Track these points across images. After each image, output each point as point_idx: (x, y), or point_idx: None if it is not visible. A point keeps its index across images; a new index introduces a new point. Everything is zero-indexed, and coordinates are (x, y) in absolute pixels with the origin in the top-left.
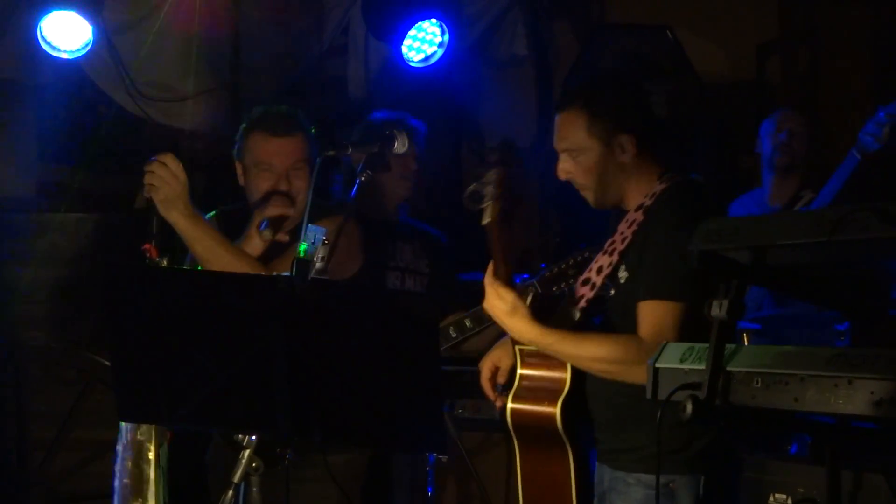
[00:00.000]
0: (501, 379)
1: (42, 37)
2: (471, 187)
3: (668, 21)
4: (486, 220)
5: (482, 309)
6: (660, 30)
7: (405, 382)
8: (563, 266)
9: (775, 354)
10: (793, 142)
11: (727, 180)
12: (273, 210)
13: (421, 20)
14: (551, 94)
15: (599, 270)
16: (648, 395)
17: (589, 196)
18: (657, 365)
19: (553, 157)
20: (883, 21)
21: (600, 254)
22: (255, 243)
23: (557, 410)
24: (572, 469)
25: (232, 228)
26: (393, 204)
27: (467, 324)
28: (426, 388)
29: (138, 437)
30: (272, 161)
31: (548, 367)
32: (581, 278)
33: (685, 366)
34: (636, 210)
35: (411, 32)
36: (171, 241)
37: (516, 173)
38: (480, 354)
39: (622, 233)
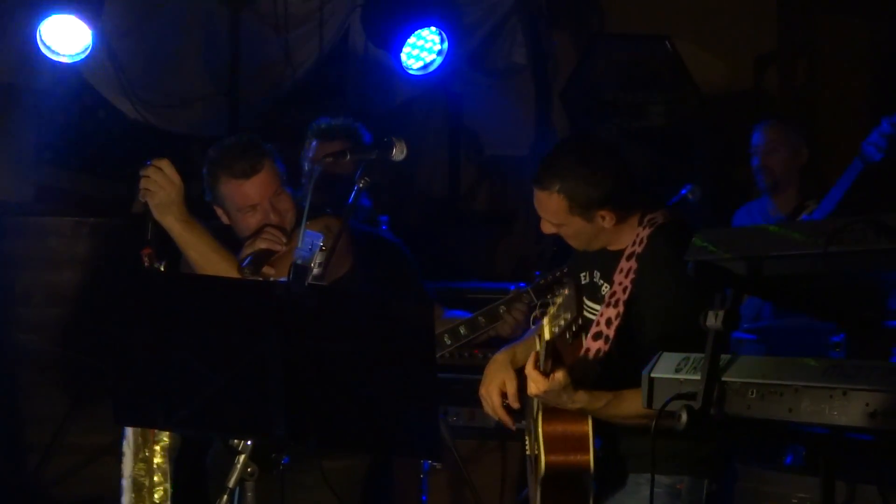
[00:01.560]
0: (515, 404)
1: (41, 40)
2: (540, 310)
3: (667, 31)
4: (546, 336)
5: (476, 318)
6: (659, 40)
7: (401, 389)
8: (558, 274)
9: (770, 365)
10: (766, 162)
11: (725, 191)
12: (262, 244)
13: (420, 28)
14: (550, 104)
15: (609, 323)
16: (644, 404)
17: (572, 244)
18: (652, 375)
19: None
20: (880, 33)
21: (604, 306)
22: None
23: (591, 458)
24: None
25: (227, 241)
26: None
27: (462, 331)
28: (422, 394)
29: (139, 440)
30: (253, 202)
31: (570, 420)
32: (592, 332)
33: (680, 376)
34: (627, 258)
35: (410, 40)
36: (169, 246)
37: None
38: (481, 363)
39: (621, 283)
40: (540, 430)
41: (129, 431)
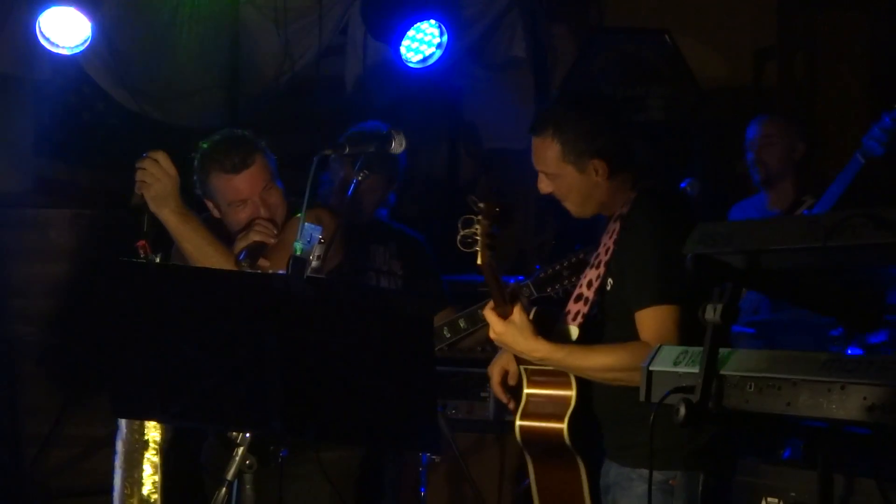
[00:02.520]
0: (513, 382)
1: (41, 32)
2: (462, 233)
3: (666, 25)
4: (479, 261)
5: (476, 311)
6: (658, 34)
7: (400, 382)
8: (558, 267)
9: (769, 359)
10: (760, 156)
11: (724, 185)
12: (255, 236)
13: (420, 21)
14: (549, 97)
15: (590, 285)
16: (642, 397)
17: (569, 208)
18: (651, 368)
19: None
20: (880, 27)
21: (589, 268)
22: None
23: (565, 426)
24: (584, 478)
25: (221, 233)
26: (367, 210)
27: (461, 324)
28: (421, 387)
29: (135, 428)
30: (243, 196)
31: (554, 385)
32: (574, 294)
33: (679, 369)
34: (614, 220)
35: (410, 33)
36: (165, 238)
37: (503, 214)
38: (480, 356)
39: (605, 244)
40: (523, 393)
41: (123, 424)
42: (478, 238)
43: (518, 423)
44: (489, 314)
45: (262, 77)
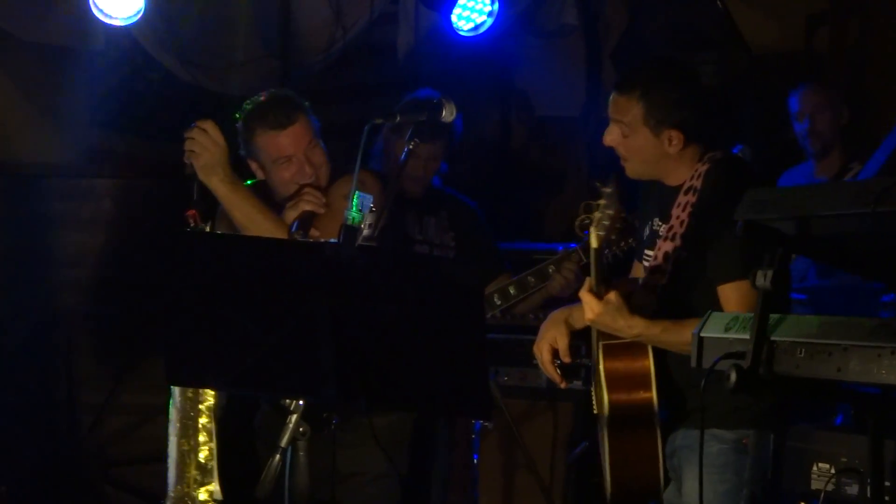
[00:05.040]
0: (566, 359)
1: (94, 4)
2: (582, 217)
3: None
4: (593, 245)
5: (526, 277)
6: (709, 0)
7: (451, 349)
8: (616, 230)
9: (819, 324)
10: (816, 126)
11: (776, 151)
12: (305, 206)
13: None
14: (600, 65)
15: (666, 257)
16: (693, 363)
17: (627, 168)
18: (702, 334)
19: (600, 129)
20: None
21: (662, 240)
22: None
23: (653, 395)
24: (659, 444)
25: (267, 202)
26: (426, 179)
27: (511, 291)
28: (471, 354)
29: (188, 397)
30: (288, 153)
31: (631, 357)
32: (650, 266)
33: (730, 335)
34: (685, 192)
35: (461, 1)
36: (214, 208)
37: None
38: (532, 323)
39: (678, 217)
40: (601, 369)
41: (176, 392)
42: (594, 221)
43: (606, 396)
44: (585, 295)
45: (314, 46)
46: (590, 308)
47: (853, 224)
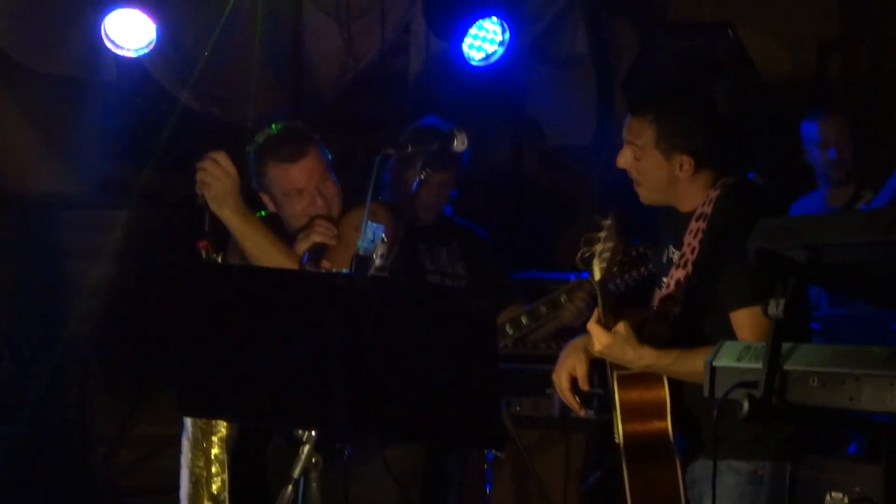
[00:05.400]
0: (585, 386)
1: (106, 34)
2: (583, 250)
3: (728, 19)
4: (596, 277)
5: (538, 307)
6: (720, 28)
7: (463, 379)
8: (619, 262)
9: (832, 353)
10: (843, 155)
11: (787, 179)
12: (316, 237)
13: (482, 18)
14: (611, 93)
15: (678, 285)
16: (706, 393)
17: (640, 193)
18: (714, 363)
19: (612, 157)
20: None
21: (675, 268)
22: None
23: (669, 425)
24: (679, 475)
25: (279, 233)
26: (436, 208)
27: (524, 321)
28: (484, 384)
29: (201, 427)
30: (299, 185)
31: (646, 387)
32: (663, 294)
33: (742, 364)
34: (696, 219)
35: (472, 31)
36: (226, 238)
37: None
38: (544, 352)
39: (689, 244)
40: (616, 399)
41: (189, 423)
42: (596, 254)
43: (621, 427)
44: (593, 327)
45: (326, 76)
46: (598, 340)
47: (865, 253)
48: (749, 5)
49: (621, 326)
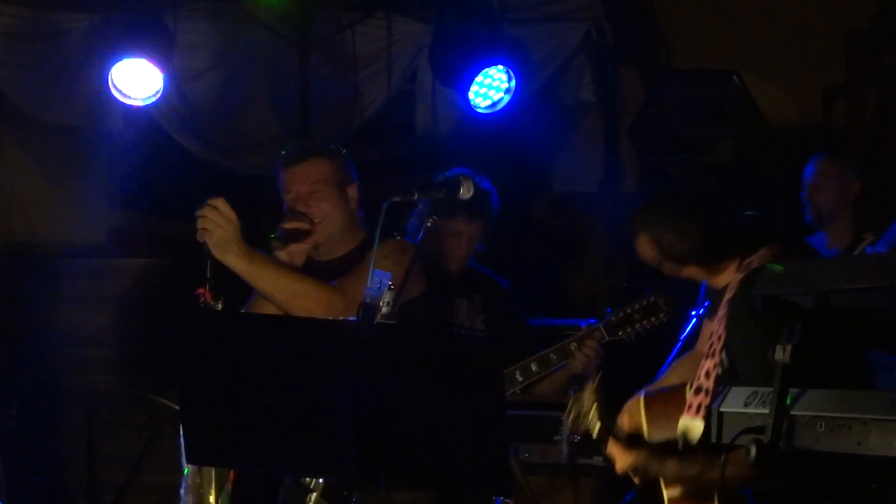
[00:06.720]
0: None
1: (113, 84)
2: (568, 430)
3: (734, 66)
4: (594, 434)
5: (548, 354)
6: (726, 75)
7: (470, 426)
8: (629, 310)
9: (839, 398)
10: (813, 196)
11: (795, 226)
12: (288, 223)
13: (488, 67)
14: (618, 140)
15: (707, 375)
16: (712, 438)
17: None
18: (721, 409)
19: (619, 204)
20: None
21: (704, 358)
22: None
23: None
24: None
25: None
26: (452, 263)
27: (533, 367)
28: (491, 431)
29: (198, 480)
30: (291, 188)
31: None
32: (693, 385)
33: (749, 410)
34: (724, 305)
35: (478, 79)
36: (226, 285)
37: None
38: (553, 399)
39: (716, 331)
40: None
41: (188, 476)
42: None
43: None
44: (612, 451)
45: (333, 124)
46: (618, 461)
47: (873, 298)
48: (755, 52)
49: (640, 457)
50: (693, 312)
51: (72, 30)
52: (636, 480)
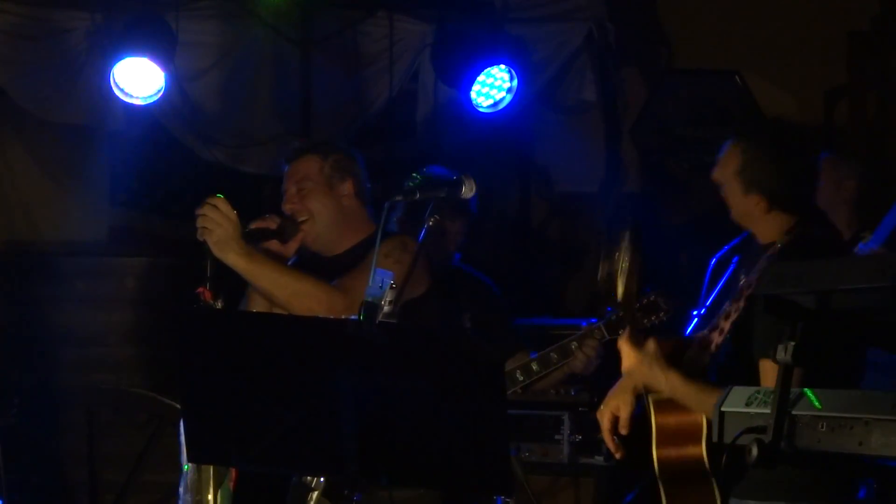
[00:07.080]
0: (624, 430)
1: (115, 83)
2: (604, 266)
3: (736, 66)
4: (619, 294)
5: (548, 354)
6: (728, 75)
7: (472, 425)
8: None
9: (841, 398)
10: None
11: None
12: (255, 223)
13: (490, 66)
14: (619, 140)
15: (727, 316)
16: (714, 438)
17: (731, 210)
18: (723, 409)
19: (620, 204)
20: None
21: (733, 300)
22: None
23: (703, 450)
24: (718, 499)
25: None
26: (447, 255)
27: (534, 367)
28: (492, 430)
29: (197, 478)
30: (285, 187)
31: (683, 411)
32: (712, 324)
33: (751, 409)
34: (766, 258)
35: (480, 78)
36: (226, 283)
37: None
38: (553, 399)
39: (750, 282)
40: (652, 423)
41: (187, 470)
42: (618, 271)
43: (655, 453)
44: (623, 344)
45: (334, 124)
46: (627, 356)
47: (873, 298)
48: (757, 52)
49: (651, 345)
50: (693, 312)
51: (74, 29)
52: (627, 399)
